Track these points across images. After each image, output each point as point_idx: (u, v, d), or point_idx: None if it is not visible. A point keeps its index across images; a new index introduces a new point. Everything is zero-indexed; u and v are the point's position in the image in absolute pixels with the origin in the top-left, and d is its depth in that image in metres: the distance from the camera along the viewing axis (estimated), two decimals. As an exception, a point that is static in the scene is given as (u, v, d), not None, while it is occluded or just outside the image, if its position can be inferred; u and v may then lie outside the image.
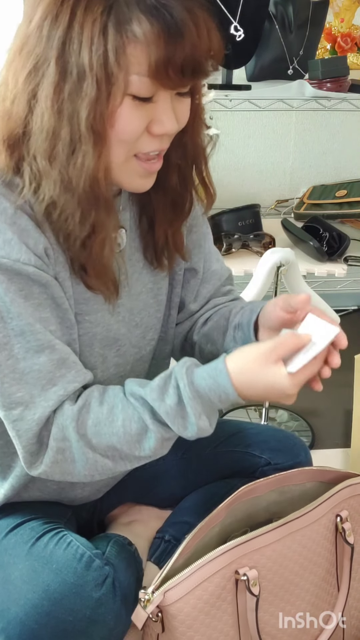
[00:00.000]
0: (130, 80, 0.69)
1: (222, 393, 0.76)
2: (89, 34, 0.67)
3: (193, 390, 0.76)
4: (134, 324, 0.91)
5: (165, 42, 0.67)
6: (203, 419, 0.77)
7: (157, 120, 0.74)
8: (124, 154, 0.75)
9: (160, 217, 0.88)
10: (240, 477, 1.04)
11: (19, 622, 0.75)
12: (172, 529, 1.04)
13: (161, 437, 0.78)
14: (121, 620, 0.81)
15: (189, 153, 0.84)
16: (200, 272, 0.99)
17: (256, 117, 2.17)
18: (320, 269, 1.70)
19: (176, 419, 0.76)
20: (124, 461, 0.80)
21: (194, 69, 0.70)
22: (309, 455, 1.07)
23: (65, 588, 0.76)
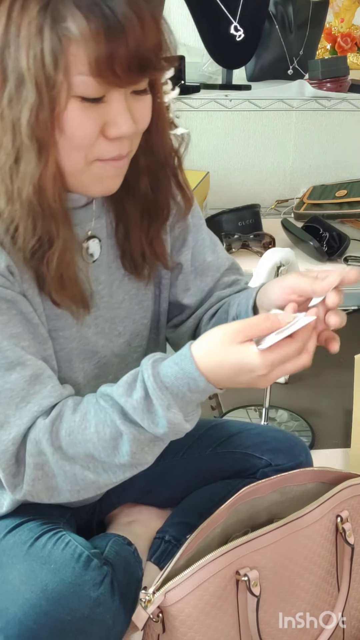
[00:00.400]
0: (73, 82, 0.66)
1: (189, 380, 0.71)
2: (25, 35, 0.64)
3: (158, 381, 0.71)
4: (116, 334, 0.90)
5: (105, 39, 0.64)
6: (173, 412, 0.71)
7: (112, 122, 0.70)
8: (82, 159, 0.71)
9: (133, 225, 0.85)
10: (241, 478, 1.04)
11: (17, 622, 0.75)
12: (172, 530, 1.04)
13: (135, 439, 0.73)
14: (120, 619, 0.81)
15: (157, 155, 0.81)
16: (186, 265, 0.95)
17: (256, 117, 2.17)
18: (320, 269, 1.70)
19: (144, 413, 0.72)
20: (106, 473, 0.76)
21: (141, 64, 0.67)
22: (309, 456, 1.07)
23: (64, 587, 0.76)
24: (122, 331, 0.90)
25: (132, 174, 0.79)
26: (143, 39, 0.66)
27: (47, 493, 0.77)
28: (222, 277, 0.99)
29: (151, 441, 0.74)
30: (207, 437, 1.09)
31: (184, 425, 0.73)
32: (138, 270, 0.88)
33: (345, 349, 0.84)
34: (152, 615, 0.78)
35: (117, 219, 0.86)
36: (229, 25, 1.56)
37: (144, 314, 0.93)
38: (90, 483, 0.76)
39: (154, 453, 0.76)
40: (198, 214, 0.98)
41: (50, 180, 0.69)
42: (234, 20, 1.55)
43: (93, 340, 0.86)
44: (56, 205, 0.71)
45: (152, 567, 1.01)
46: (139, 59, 0.66)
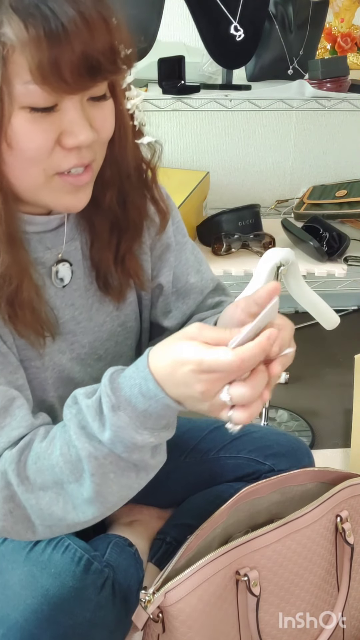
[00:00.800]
0: (18, 92, 0.61)
1: (141, 380, 0.64)
2: None
3: (114, 381, 0.66)
4: (96, 357, 0.87)
5: (47, 43, 0.59)
6: (119, 415, 0.64)
7: (68, 132, 0.66)
8: (40, 174, 0.67)
9: (102, 243, 0.80)
10: (244, 482, 1.04)
11: (19, 628, 0.74)
12: (173, 531, 1.04)
13: (90, 455, 0.66)
14: (122, 622, 0.81)
15: (122, 166, 0.77)
16: (167, 287, 0.91)
17: (256, 117, 2.17)
18: (320, 269, 1.70)
19: (96, 414, 0.66)
20: (75, 510, 0.69)
21: (91, 68, 0.62)
22: (312, 460, 1.06)
23: (65, 592, 0.76)
24: (102, 354, 0.87)
25: (97, 187, 0.75)
26: (91, 40, 0.61)
27: (24, 526, 0.72)
28: (205, 299, 0.96)
29: (111, 462, 0.67)
30: (210, 440, 1.08)
31: (131, 435, 0.65)
32: (110, 290, 0.84)
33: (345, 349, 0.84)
34: (152, 616, 0.79)
35: (91, 239, 0.81)
36: (229, 25, 1.55)
37: (128, 335, 0.90)
38: (58, 520, 0.70)
39: (120, 483, 0.68)
40: (182, 231, 0.93)
41: (1, 199, 0.66)
42: (234, 20, 1.55)
43: (68, 367, 0.83)
44: (9, 229, 0.67)
45: (153, 569, 1.01)
46: (88, 63, 0.62)
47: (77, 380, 0.86)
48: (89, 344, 0.86)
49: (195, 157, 2.18)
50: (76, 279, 0.82)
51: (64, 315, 0.82)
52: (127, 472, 0.68)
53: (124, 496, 0.71)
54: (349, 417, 1.55)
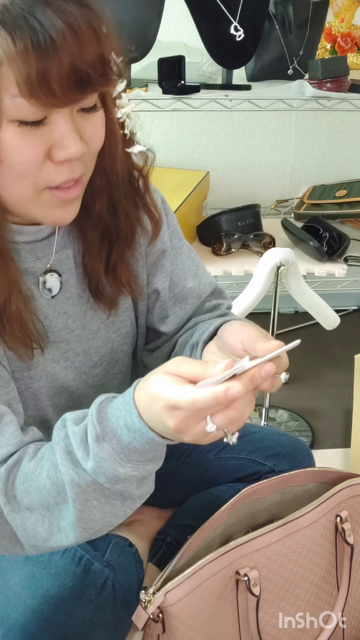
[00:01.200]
0: (5, 105, 0.60)
1: (126, 413, 0.63)
2: None
3: (101, 410, 0.65)
4: (91, 364, 0.86)
5: (35, 56, 0.58)
6: (102, 446, 0.63)
7: (58, 145, 0.65)
8: (29, 188, 0.67)
9: (94, 252, 0.79)
10: (244, 483, 1.04)
11: (19, 628, 0.75)
12: (174, 531, 1.04)
13: (72, 481, 0.65)
14: (122, 622, 0.81)
15: (111, 175, 0.76)
16: (163, 292, 0.89)
17: (256, 117, 2.17)
18: (320, 269, 1.70)
19: (81, 442, 0.65)
20: (59, 533, 0.68)
21: (80, 81, 0.61)
22: (312, 460, 1.06)
23: (65, 592, 0.76)
24: (98, 361, 0.87)
25: (87, 196, 0.74)
26: (79, 52, 0.60)
27: (11, 541, 0.71)
28: (203, 303, 0.95)
29: (94, 490, 0.65)
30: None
31: (114, 467, 0.63)
32: (103, 299, 0.83)
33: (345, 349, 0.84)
34: (152, 616, 0.79)
35: (83, 248, 0.81)
36: (229, 25, 1.55)
37: (123, 341, 0.89)
38: (42, 541, 0.69)
39: (104, 511, 0.66)
40: (178, 235, 0.92)
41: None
42: (234, 20, 1.55)
43: (62, 375, 0.83)
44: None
45: (153, 569, 1.01)
46: (77, 75, 0.61)
47: (72, 388, 0.85)
48: (84, 352, 0.85)
49: (195, 157, 2.18)
50: (68, 287, 0.81)
51: (56, 324, 0.81)
52: (112, 500, 0.67)
53: (109, 523, 0.69)
54: (349, 417, 1.56)
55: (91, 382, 0.88)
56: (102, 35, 0.63)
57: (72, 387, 0.85)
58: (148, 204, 0.82)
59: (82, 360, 0.85)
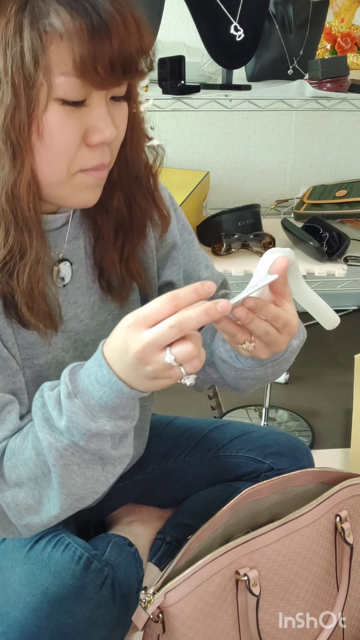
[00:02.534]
0: (55, 83, 0.63)
1: (97, 368, 0.65)
2: (2, 36, 0.62)
3: (74, 371, 0.67)
4: None
5: (89, 36, 0.61)
6: (74, 402, 0.65)
7: (94, 128, 0.68)
8: (65, 170, 0.69)
9: (107, 243, 0.81)
10: (244, 482, 1.04)
11: (18, 626, 0.75)
12: (173, 531, 1.04)
13: (50, 445, 0.67)
14: (121, 621, 0.82)
15: (132, 168, 0.78)
16: (177, 284, 0.92)
17: (256, 117, 2.17)
18: (320, 269, 1.70)
19: (56, 403, 0.67)
20: (50, 503, 0.70)
21: (124, 65, 0.65)
22: (311, 459, 1.06)
23: (64, 590, 0.76)
24: None
25: (105, 188, 0.76)
26: (127, 38, 0.64)
27: (5, 522, 0.74)
28: (215, 294, 0.96)
29: (72, 454, 0.67)
30: (209, 440, 1.08)
31: (86, 421, 0.65)
32: (113, 290, 0.85)
33: (345, 349, 0.84)
34: (152, 616, 0.79)
35: (94, 239, 0.83)
36: (229, 25, 1.55)
37: None
38: (34, 514, 0.72)
39: (85, 475, 0.68)
40: (188, 229, 0.95)
41: (25, 188, 0.67)
42: (234, 20, 1.55)
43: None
44: (30, 214, 0.68)
45: (153, 568, 1.01)
46: (123, 59, 0.64)
47: None
48: (92, 342, 0.86)
49: (195, 157, 2.18)
50: (78, 277, 0.82)
51: (66, 313, 0.82)
52: (92, 465, 0.68)
53: (91, 489, 0.70)
54: (349, 417, 1.56)
55: None
56: (142, 27, 0.66)
57: None
58: (156, 199, 0.85)
59: (90, 351, 0.85)
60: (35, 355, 0.80)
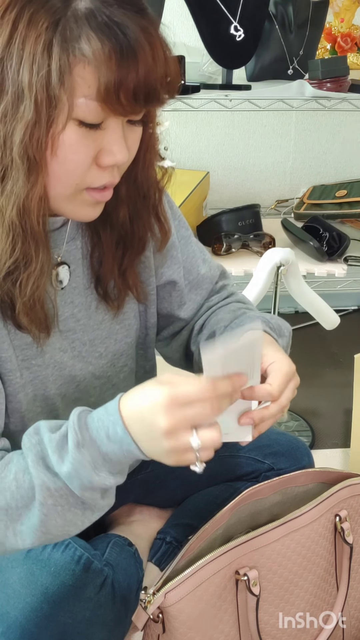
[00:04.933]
0: (76, 104, 0.63)
1: (109, 424, 0.65)
2: (31, 50, 0.61)
3: (82, 419, 0.67)
4: (97, 355, 0.87)
5: (117, 64, 0.61)
6: (82, 452, 0.65)
7: (107, 150, 0.68)
8: (72, 187, 0.69)
9: (107, 254, 0.82)
10: (243, 482, 1.04)
11: (18, 626, 0.75)
12: (173, 531, 1.04)
13: (42, 484, 0.66)
14: (121, 621, 0.82)
15: (140, 186, 0.79)
16: (180, 282, 0.93)
17: (256, 117, 2.17)
18: (320, 269, 1.70)
19: (57, 447, 0.66)
20: (15, 537, 0.69)
21: (147, 94, 0.65)
22: (311, 459, 1.06)
23: (64, 590, 0.76)
24: (103, 352, 0.88)
25: (111, 202, 0.77)
26: (153, 67, 0.64)
27: None
28: (214, 286, 0.99)
29: (61, 496, 0.67)
30: None
31: (90, 474, 0.65)
32: (108, 298, 0.86)
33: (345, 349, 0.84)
34: (152, 616, 0.79)
35: (92, 243, 0.83)
36: (229, 25, 1.56)
37: (127, 333, 0.90)
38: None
39: (65, 518, 0.68)
40: (184, 225, 0.95)
41: (36, 202, 0.67)
42: (234, 20, 1.55)
43: (70, 365, 0.84)
44: (39, 228, 0.69)
45: (153, 568, 1.01)
46: (146, 88, 0.64)
47: (79, 378, 0.86)
48: (89, 342, 0.86)
49: (195, 157, 2.18)
50: (75, 277, 0.83)
51: (64, 313, 0.82)
52: (74, 509, 0.68)
53: (67, 532, 0.70)
54: (349, 417, 1.56)
55: (97, 373, 0.89)
56: (168, 55, 0.67)
57: (79, 376, 0.86)
58: (159, 215, 0.85)
59: (88, 350, 0.86)
60: (32, 355, 0.80)
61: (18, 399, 0.79)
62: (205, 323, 0.95)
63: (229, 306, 0.96)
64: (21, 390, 0.79)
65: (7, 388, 0.78)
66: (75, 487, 0.66)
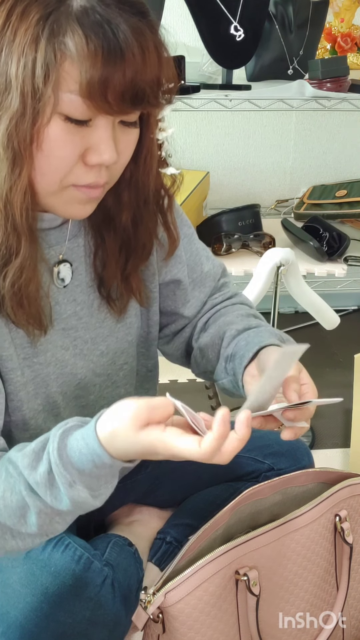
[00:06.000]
0: (60, 98, 0.63)
1: (94, 457, 0.64)
2: (20, 42, 0.62)
3: (63, 455, 0.65)
4: (98, 353, 0.87)
5: (102, 62, 0.61)
6: (77, 489, 0.64)
7: (94, 149, 0.67)
8: (57, 183, 0.69)
9: (110, 258, 0.83)
10: (243, 482, 1.04)
11: (18, 626, 0.75)
12: (173, 531, 1.04)
13: (41, 512, 0.66)
14: (121, 621, 0.82)
15: (141, 191, 0.79)
16: (184, 281, 0.94)
17: (256, 117, 2.17)
18: (320, 269, 1.70)
19: (47, 489, 0.65)
20: (14, 539, 0.69)
21: (134, 96, 0.64)
22: (311, 459, 1.06)
23: (64, 590, 0.76)
24: (104, 350, 0.88)
25: (114, 206, 0.78)
26: (142, 70, 0.63)
27: None
28: (215, 283, 1.00)
29: (58, 515, 0.67)
30: None
31: (90, 502, 0.66)
32: (111, 300, 0.86)
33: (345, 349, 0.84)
34: (152, 616, 0.79)
35: (95, 243, 0.83)
36: (229, 25, 1.56)
37: (128, 331, 0.90)
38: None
39: (66, 522, 0.69)
40: (187, 223, 0.96)
41: (20, 194, 0.67)
42: (234, 20, 1.55)
43: (71, 363, 0.84)
44: (22, 220, 0.68)
45: (153, 568, 1.01)
46: (134, 90, 0.64)
47: (80, 375, 0.86)
48: (91, 340, 0.86)
49: (195, 157, 2.18)
50: (78, 275, 0.83)
51: (66, 311, 0.82)
52: (74, 516, 0.70)
53: (69, 523, 0.71)
54: (349, 417, 1.55)
55: (98, 371, 0.89)
56: (164, 60, 0.66)
57: (80, 374, 0.86)
58: (169, 222, 0.85)
59: (89, 348, 0.86)
60: (34, 353, 0.80)
61: (19, 397, 0.79)
62: (210, 321, 0.96)
63: (236, 308, 0.96)
64: (22, 388, 0.79)
65: (8, 387, 0.78)
66: (78, 511, 0.67)
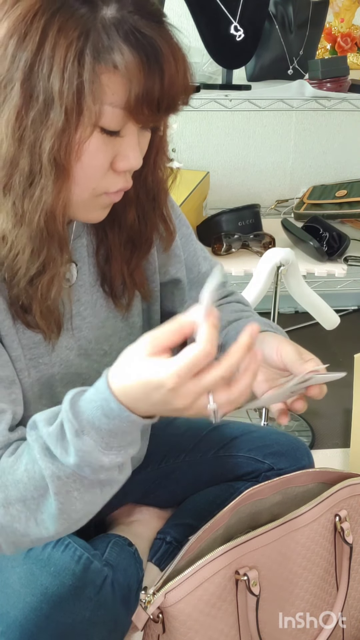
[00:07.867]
0: (102, 111, 0.64)
1: (102, 402, 0.64)
2: (61, 58, 0.61)
3: (74, 405, 0.65)
4: (102, 353, 0.88)
5: (145, 75, 0.63)
6: (84, 440, 0.64)
7: (123, 156, 0.69)
8: (88, 192, 0.70)
9: (116, 254, 0.83)
10: (244, 482, 1.04)
11: (18, 626, 0.75)
12: (173, 531, 1.04)
13: (54, 475, 0.65)
14: (121, 621, 0.82)
15: (149, 187, 0.80)
16: (183, 280, 0.95)
17: (256, 117, 2.17)
18: (320, 269, 1.70)
19: (58, 441, 0.65)
20: (37, 526, 0.68)
21: (168, 104, 0.66)
22: (311, 459, 1.06)
23: (64, 590, 0.76)
24: (108, 350, 0.88)
25: (120, 204, 0.78)
26: (176, 78, 0.65)
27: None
28: None
29: (74, 481, 0.66)
30: (209, 440, 1.08)
31: (98, 457, 0.65)
32: (116, 297, 0.86)
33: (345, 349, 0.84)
34: (152, 616, 0.79)
35: (98, 242, 0.84)
36: (229, 25, 1.56)
37: (131, 331, 0.91)
38: (20, 536, 0.69)
39: (84, 500, 0.67)
40: (185, 223, 0.97)
41: (61, 208, 0.68)
42: (234, 20, 1.55)
43: (76, 363, 0.85)
44: (64, 234, 0.70)
45: (153, 568, 1.01)
46: (169, 99, 0.66)
47: (85, 376, 0.86)
48: (95, 340, 0.86)
49: (195, 157, 2.18)
50: (81, 275, 0.83)
51: (70, 311, 0.83)
52: (92, 489, 0.68)
53: (89, 512, 0.70)
54: (349, 417, 1.56)
55: (102, 371, 0.88)
56: (188, 67, 0.68)
57: (84, 374, 0.86)
58: (165, 215, 0.86)
59: (93, 348, 0.87)
60: (40, 354, 0.80)
61: (27, 398, 0.79)
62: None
63: (231, 306, 0.97)
64: (29, 389, 0.80)
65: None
66: (86, 473, 0.66)
